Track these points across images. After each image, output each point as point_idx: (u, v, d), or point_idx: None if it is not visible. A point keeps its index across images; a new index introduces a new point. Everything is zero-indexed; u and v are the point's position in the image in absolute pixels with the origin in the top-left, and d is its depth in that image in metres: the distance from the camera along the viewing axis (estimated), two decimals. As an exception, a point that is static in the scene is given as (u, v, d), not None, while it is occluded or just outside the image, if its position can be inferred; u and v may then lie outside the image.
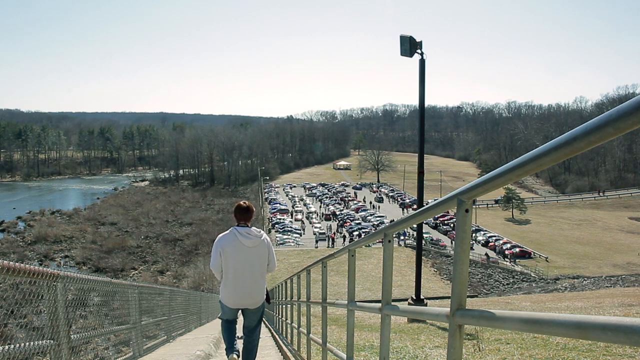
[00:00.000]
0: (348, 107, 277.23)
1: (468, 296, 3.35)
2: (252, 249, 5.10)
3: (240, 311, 5.46)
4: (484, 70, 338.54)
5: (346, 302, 3.66)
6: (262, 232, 5.26)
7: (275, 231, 65.18)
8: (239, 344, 5.57)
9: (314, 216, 76.37)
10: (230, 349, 5.40)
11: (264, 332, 12.06)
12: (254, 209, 5.45)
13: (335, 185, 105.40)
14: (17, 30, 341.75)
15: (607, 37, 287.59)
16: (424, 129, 11.85)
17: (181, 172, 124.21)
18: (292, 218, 74.91)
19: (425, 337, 7.49)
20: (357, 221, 69.62)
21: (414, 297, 11.60)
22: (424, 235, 45.08)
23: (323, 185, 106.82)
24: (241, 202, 5.32)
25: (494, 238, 59.25)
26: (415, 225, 18.84)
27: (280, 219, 73.01)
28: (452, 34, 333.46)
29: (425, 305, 11.43)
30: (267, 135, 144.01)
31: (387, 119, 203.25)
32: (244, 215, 5.21)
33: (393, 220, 3.63)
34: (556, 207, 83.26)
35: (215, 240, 5.22)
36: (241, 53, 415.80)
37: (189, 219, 78.86)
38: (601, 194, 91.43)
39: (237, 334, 5.66)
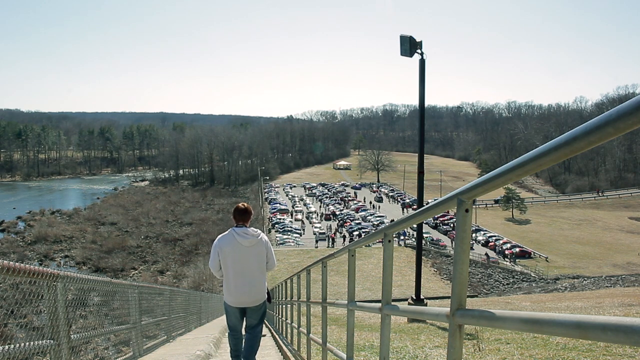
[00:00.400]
0: (348, 107, 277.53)
1: (468, 296, 3.35)
2: (250, 249, 5.24)
3: (244, 314, 5.53)
4: (484, 70, 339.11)
5: (346, 302, 3.66)
6: (259, 231, 5.39)
7: (275, 231, 65.16)
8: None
9: (314, 216, 76.35)
10: None
11: (264, 332, 12.05)
12: (252, 211, 5.58)
13: (335, 185, 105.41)
14: (17, 30, 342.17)
15: (607, 37, 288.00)
16: (424, 129, 11.85)
17: (181, 172, 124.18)
18: (292, 218, 74.89)
19: (425, 337, 7.49)
20: (357, 221, 69.63)
21: (414, 297, 11.61)
22: (424, 235, 45.09)
23: (323, 185, 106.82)
24: (240, 204, 5.48)
25: (494, 238, 59.26)
26: (415, 225, 18.84)
27: (280, 219, 73.00)
28: (452, 34, 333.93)
29: (425, 305, 11.44)
30: (267, 135, 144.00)
31: (387, 119, 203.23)
32: (242, 217, 5.36)
33: (393, 220, 3.64)
34: (556, 207, 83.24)
35: (215, 241, 5.37)
36: (241, 53, 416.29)
37: (189, 219, 78.85)
38: (600, 193, 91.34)
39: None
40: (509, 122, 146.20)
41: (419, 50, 11.07)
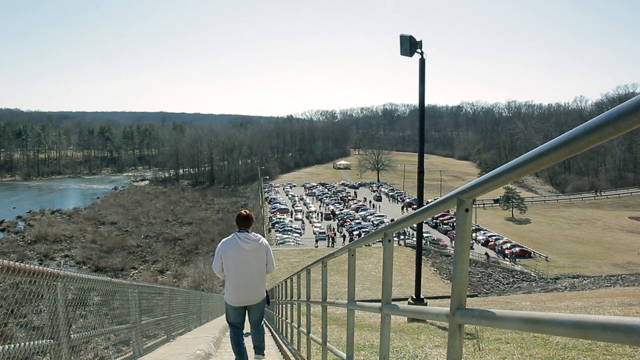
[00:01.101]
0: (348, 107, 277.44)
1: (468, 296, 3.34)
2: (251, 252, 5.61)
3: (246, 314, 5.94)
4: (484, 70, 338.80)
5: (346, 301, 3.66)
6: (259, 236, 5.77)
7: (275, 231, 65.16)
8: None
9: (313, 215, 76.36)
10: None
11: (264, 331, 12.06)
12: (254, 217, 6.06)
13: (335, 185, 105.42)
14: (17, 30, 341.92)
15: (607, 37, 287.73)
16: (424, 129, 11.85)
17: (181, 171, 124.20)
18: (292, 217, 74.89)
19: (425, 337, 7.49)
20: (357, 220, 69.62)
21: (414, 297, 11.61)
22: (424, 235, 45.08)
23: (323, 184, 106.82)
24: (242, 211, 5.89)
25: (494, 237, 59.27)
26: (415, 225, 18.84)
27: (280, 218, 73.01)
28: (452, 34, 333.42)
29: (425, 304, 11.43)
30: (267, 134, 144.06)
31: (387, 119, 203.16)
32: (244, 223, 5.76)
33: (393, 220, 3.63)
34: (556, 207, 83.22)
35: (218, 245, 5.75)
36: (241, 53, 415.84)
37: (188, 219, 78.84)
38: (598, 193, 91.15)
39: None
40: (509, 122, 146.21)
41: (418, 50, 11.07)
